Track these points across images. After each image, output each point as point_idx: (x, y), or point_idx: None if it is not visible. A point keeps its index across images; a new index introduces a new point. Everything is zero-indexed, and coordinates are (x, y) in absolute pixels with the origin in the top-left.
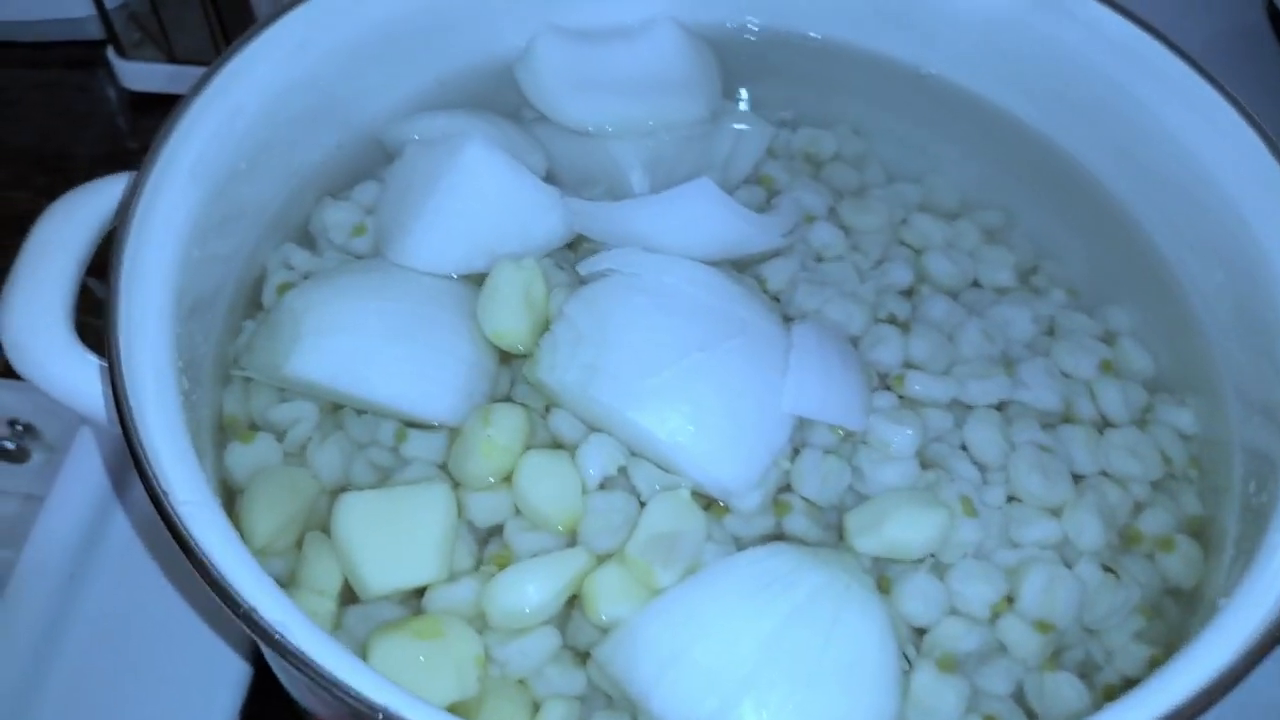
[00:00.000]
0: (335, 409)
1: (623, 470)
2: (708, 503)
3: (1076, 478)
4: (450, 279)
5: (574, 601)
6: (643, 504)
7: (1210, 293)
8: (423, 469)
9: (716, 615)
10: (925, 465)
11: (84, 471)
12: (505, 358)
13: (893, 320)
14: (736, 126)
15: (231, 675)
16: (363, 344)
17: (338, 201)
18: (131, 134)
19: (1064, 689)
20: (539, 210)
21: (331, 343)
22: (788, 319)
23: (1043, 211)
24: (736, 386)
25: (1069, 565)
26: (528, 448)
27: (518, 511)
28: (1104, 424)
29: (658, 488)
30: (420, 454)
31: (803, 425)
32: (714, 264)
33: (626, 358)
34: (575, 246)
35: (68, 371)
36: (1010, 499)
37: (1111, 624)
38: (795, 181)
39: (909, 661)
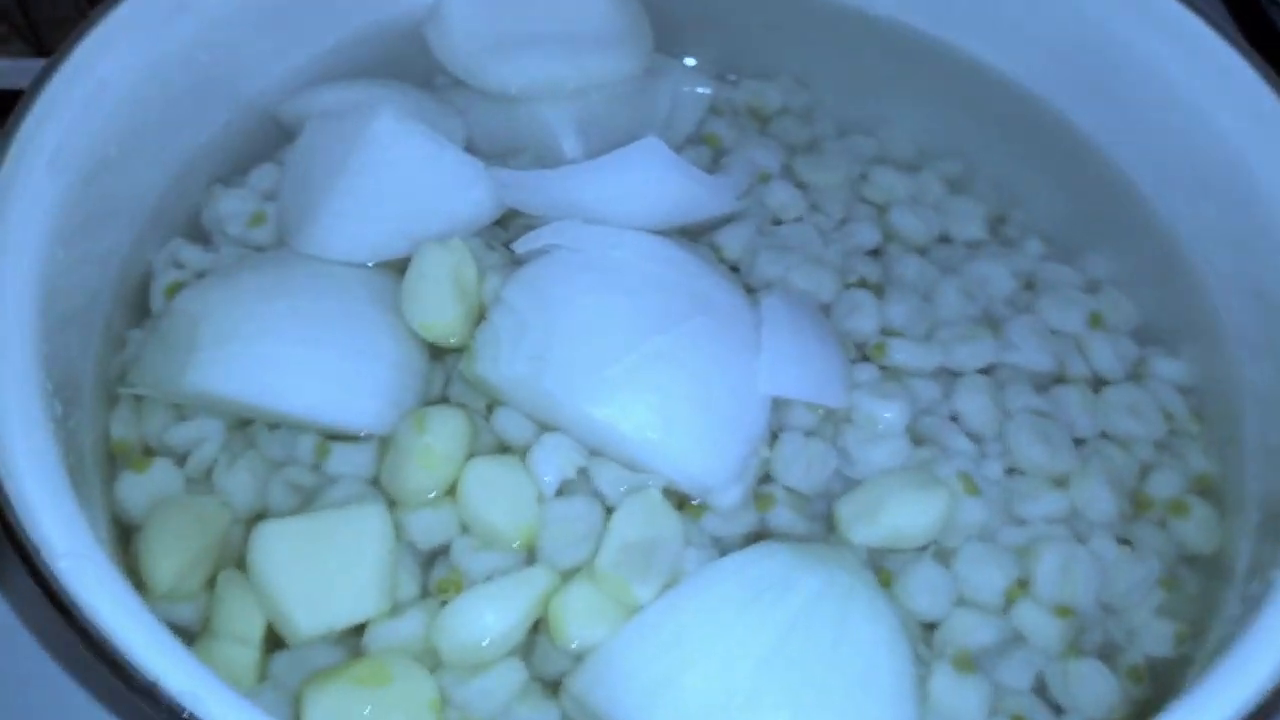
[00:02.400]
0: (243, 424)
1: (582, 472)
2: (680, 501)
3: (1077, 442)
4: (366, 268)
5: (538, 626)
6: (609, 510)
7: (1200, 229)
8: (351, 487)
9: (706, 632)
10: (917, 441)
11: None
12: (437, 354)
13: (864, 284)
14: (674, 82)
15: None
16: (272, 349)
17: (231, 189)
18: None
19: (1089, 677)
20: (462, 184)
21: (236, 350)
22: (750, 290)
23: (1006, 156)
24: (705, 370)
25: (1081, 540)
26: (471, 454)
27: (465, 528)
28: (1097, 382)
29: (623, 489)
30: (347, 470)
31: (779, 407)
32: (664, 233)
33: (579, 345)
34: (506, 223)
35: None
36: (1010, 471)
37: (1132, 601)
38: (743, 139)
39: (923, 662)
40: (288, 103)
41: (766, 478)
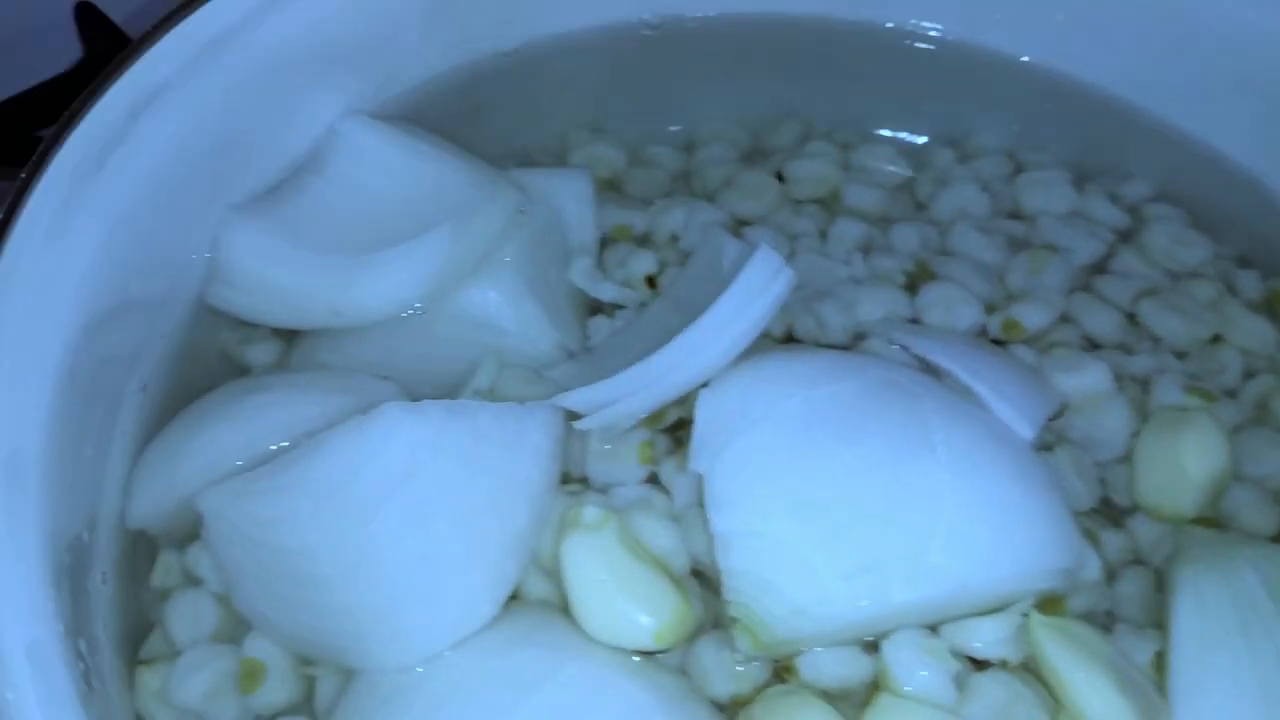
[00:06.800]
0: None
1: (960, 657)
2: (1043, 605)
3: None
4: (498, 630)
5: None
6: (1029, 668)
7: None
8: None
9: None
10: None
11: None
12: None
13: (912, 278)
14: (544, 192)
15: None
16: None
17: (166, 674)
18: None
19: None
20: (514, 441)
21: None
22: (845, 349)
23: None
24: (982, 454)
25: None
26: None
27: None
28: (1121, 239)
29: (1008, 637)
30: None
31: None
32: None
33: (873, 516)
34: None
35: None
36: (1180, 356)
37: None
38: (663, 213)
39: None
40: (138, 508)
41: None
